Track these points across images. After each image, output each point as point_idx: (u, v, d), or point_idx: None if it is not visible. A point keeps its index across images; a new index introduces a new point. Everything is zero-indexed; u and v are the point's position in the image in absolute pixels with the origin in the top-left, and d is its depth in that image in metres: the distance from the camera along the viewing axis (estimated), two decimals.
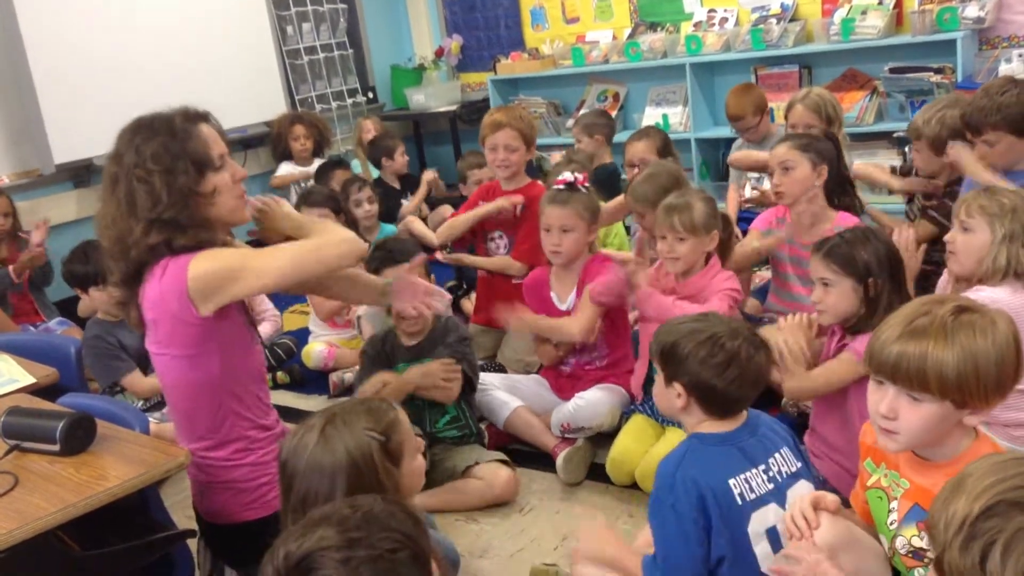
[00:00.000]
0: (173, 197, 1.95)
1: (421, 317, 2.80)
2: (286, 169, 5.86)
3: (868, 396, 1.67)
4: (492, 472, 2.84)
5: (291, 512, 1.62)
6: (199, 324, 1.95)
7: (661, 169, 3.40)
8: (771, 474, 1.91)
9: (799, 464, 1.99)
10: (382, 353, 2.98)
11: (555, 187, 3.22)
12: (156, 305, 1.98)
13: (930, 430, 1.61)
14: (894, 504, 1.70)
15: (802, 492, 1.95)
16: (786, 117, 3.95)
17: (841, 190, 3.35)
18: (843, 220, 3.17)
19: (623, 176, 4.33)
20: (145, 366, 3.46)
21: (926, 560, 1.61)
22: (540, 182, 3.92)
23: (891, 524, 1.68)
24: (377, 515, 1.26)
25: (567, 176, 3.21)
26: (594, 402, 3.02)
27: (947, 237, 2.56)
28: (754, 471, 1.89)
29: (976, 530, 1.08)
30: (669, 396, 1.94)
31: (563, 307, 3.23)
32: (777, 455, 1.95)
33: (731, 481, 1.85)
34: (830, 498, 1.72)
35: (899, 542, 1.66)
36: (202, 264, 1.94)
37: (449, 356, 2.87)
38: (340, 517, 1.25)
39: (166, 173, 1.95)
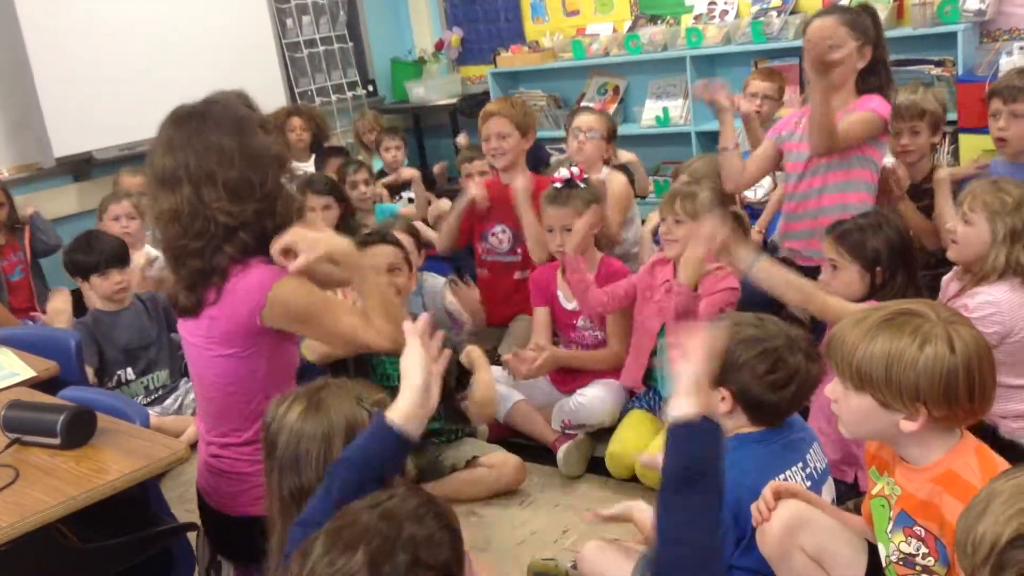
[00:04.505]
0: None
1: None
2: None
3: None
4: (500, 460, 2.86)
5: (278, 471, 1.61)
6: (258, 330, 1.94)
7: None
8: (808, 471, 1.89)
9: (826, 461, 1.98)
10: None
11: (553, 185, 3.20)
12: (223, 304, 1.94)
13: (862, 423, 1.59)
14: (892, 512, 1.70)
15: (830, 489, 1.95)
16: None
17: (871, 70, 3.06)
18: (865, 102, 2.98)
19: None
20: (133, 360, 3.47)
21: (917, 567, 1.59)
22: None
23: (889, 532, 1.66)
24: (411, 537, 1.20)
25: (563, 173, 3.18)
26: (595, 399, 3.03)
27: (949, 226, 2.57)
28: (794, 469, 1.87)
29: (1005, 559, 1.04)
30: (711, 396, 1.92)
31: (569, 306, 3.22)
32: (811, 452, 1.93)
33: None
34: (789, 486, 1.78)
35: (890, 549, 1.65)
36: (285, 293, 1.91)
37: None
38: (373, 542, 1.18)
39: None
